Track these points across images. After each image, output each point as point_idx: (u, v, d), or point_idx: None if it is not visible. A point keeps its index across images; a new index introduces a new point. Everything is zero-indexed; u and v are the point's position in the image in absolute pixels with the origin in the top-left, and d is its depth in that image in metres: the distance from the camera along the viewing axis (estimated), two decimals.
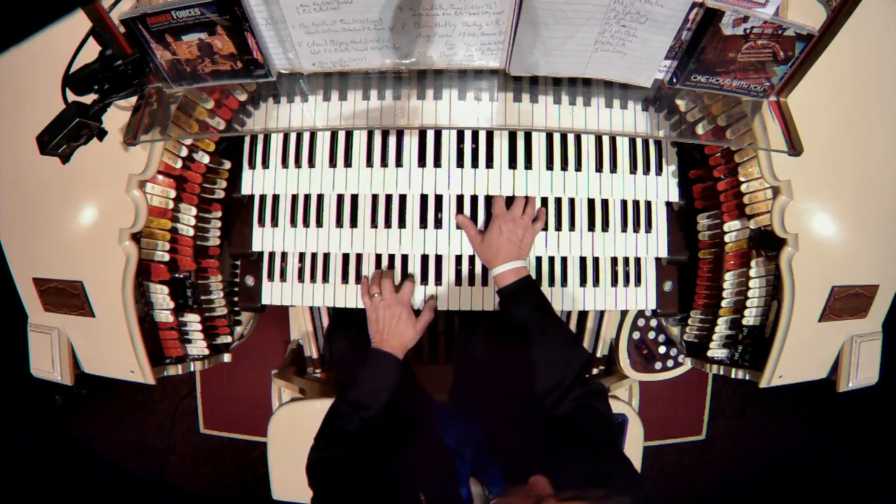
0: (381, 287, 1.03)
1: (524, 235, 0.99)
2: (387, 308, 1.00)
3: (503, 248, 0.97)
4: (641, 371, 1.39)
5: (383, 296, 1.01)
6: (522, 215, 1.01)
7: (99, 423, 2.27)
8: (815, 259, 0.94)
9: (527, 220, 1.01)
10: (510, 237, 0.98)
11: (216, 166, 1.06)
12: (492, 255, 0.98)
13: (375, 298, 1.02)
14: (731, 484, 2.28)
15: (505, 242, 0.97)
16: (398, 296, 1.02)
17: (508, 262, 0.96)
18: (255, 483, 2.22)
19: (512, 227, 0.98)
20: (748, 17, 0.74)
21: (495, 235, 0.98)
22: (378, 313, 1.00)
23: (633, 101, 1.01)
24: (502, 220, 0.99)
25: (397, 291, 1.04)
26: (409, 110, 0.98)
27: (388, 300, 1.01)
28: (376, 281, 1.04)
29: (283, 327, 1.78)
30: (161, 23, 0.74)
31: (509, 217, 0.99)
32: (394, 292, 1.02)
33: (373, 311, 1.01)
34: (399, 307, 1.00)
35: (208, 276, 1.09)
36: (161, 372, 1.02)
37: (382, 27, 0.79)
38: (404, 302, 1.02)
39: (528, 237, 1.00)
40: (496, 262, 0.98)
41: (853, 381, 1.03)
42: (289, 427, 1.26)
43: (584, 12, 0.75)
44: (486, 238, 0.99)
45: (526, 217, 1.01)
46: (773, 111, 0.87)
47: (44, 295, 1.00)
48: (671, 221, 1.11)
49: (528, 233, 1.00)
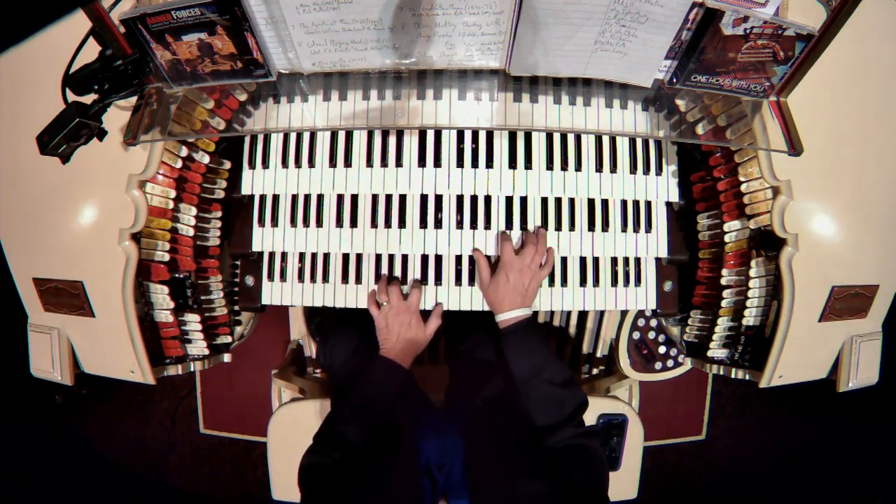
0: (388, 295, 1.03)
1: (530, 283, 1.00)
2: (396, 316, 1.00)
3: (507, 297, 0.98)
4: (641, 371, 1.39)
5: (392, 304, 1.01)
6: (531, 263, 1.00)
7: (99, 423, 2.27)
8: (815, 259, 0.94)
9: (534, 268, 1.00)
10: (516, 286, 0.98)
11: (216, 166, 1.06)
12: (497, 303, 1.00)
13: (384, 307, 1.02)
14: (731, 484, 2.28)
15: (510, 291, 0.98)
16: (406, 303, 1.02)
17: (511, 311, 0.98)
18: (255, 483, 2.22)
19: (518, 277, 0.99)
20: (748, 17, 0.74)
21: (502, 283, 0.99)
22: (388, 321, 1.01)
23: (633, 101, 1.01)
24: (509, 268, 0.99)
25: (405, 299, 1.04)
26: (409, 110, 0.98)
27: (397, 308, 1.01)
28: (383, 289, 1.04)
29: (283, 327, 1.78)
30: (161, 23, 0.74)
31: (517, 266, 0.99)
32: (402, 300, 1.02)
33: (382, 320, 1.01)
34: (408, 315, 1.01)
35: (208, 276, 1.09)
36: (161, 372, 1.02)
37: (382, 27, 0.79)
38: (413, 309, 1.02)
39: (533, 284, 1.00)
40: (500, 309, 0.99)
41: (853, 381, 1.03)
42: (289, 427, 1.26)
43: (583, 12, 0.75)
44: (493, 284, 1.00)
45: (534, 264, 1.01)
46: (773, 111, 0.87)
47: (44, 295, 1.00)
48: (671, 221, 1.11)
49: (535, 280, 1.00)
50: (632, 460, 1.26)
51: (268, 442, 1.27)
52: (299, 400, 1.30)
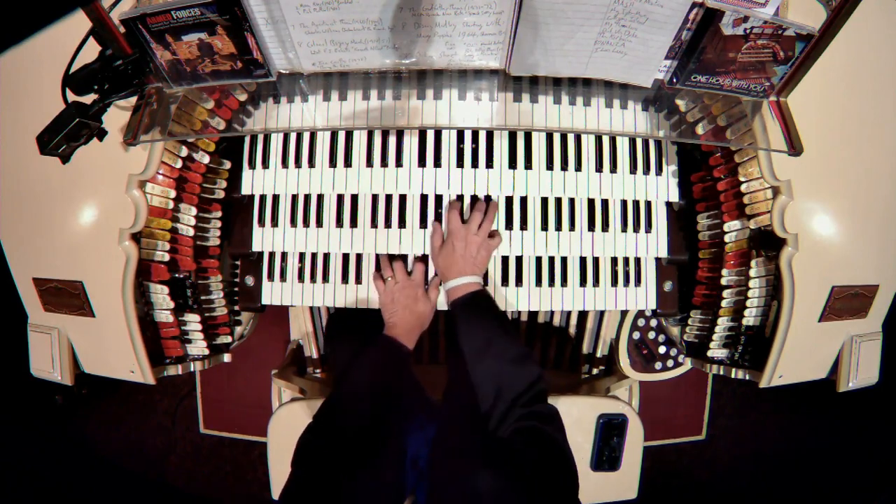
0: (393, 270, 1.03)
1: (478, 252, 0.98)
2: (403, 290, 1.00)
3: (455, 265, 0.97)
4: (641, 371, 1.39)
5: (397, 278, 1.01)
6: (478, 230, 0.99)
7: (99, 423, 2.27)
8: (815, 259, 0.94)
9: (482, 236, 0.99)
10: (463, 254, 0.97)
11: (216, 166, 1.06)
12: (444, 270, 0.99)
13: (389, 282, 1.02)
14: (731, 484, 2.28)
15: (458, 259, 0.97)
16: (411, 278, 1.02)
17: (458, 277, 0.96)
18: (255, 483, 2.22)
19: (464, 245, 0.97)
20: (748, 17, 0.74)
21: (449, 252, 0.98)
22: (394, 295, 1.00)
23: (633, 101, 1.01)
24: (456, 237, 0.98)
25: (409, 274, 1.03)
26: (409, 110, 0.98)
27: (403, 282, 1.01)
28: (387, 264, 1.04)
29: (283, 327, 1.78)
30: (161, 23, 0.74)
31: (462, 234, 0.98)
32: (406, 275, 1.02)
33: (388, 294, 1.01)
34: (413, 288, 1.01)
35: (208, 276, 1.09)
36: (161, 372, 1.02)
37: (382, 27, 0.79)
38: (418, 282, 1.02)
39: (482, 252, 0.99)
40: (447, 277, 0.98)
41: (853, 381, 1.03)
42: (289, 427, 1.25)
43: (584, 12, 0.75)
44: (441, 253, 0.99)
45: (481, 232, 0.99)
46: (773, 111, 0.87)
47: (44, 295, 1.00)
48: (671, 221, 1.11)
49: (483, 248, 0.99)
50: (632, 460, 1.26)
51: (268, 442, 1.27)
52: (299, 400, 1.30)
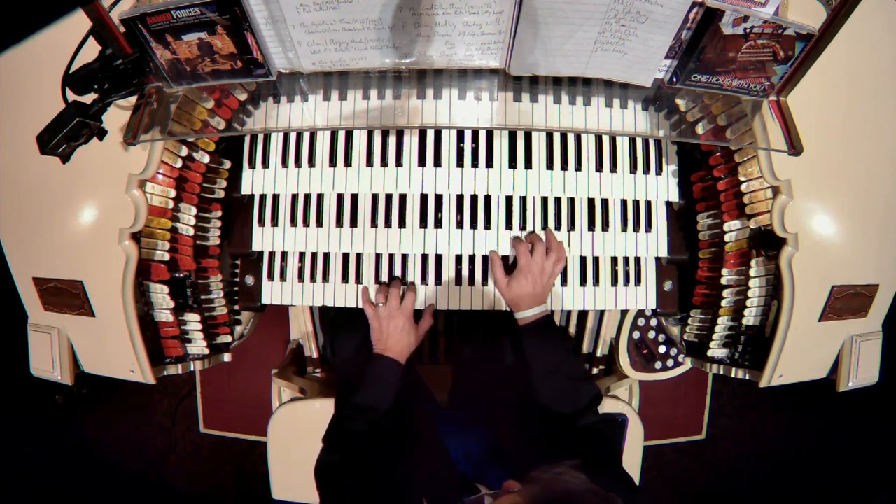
0: (386, 298, 1.04)
1: (547, 282, 1.02)
2: (390, 319, 1.02)
3: (526, 298, 1.01)
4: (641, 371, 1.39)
5: (388, 307, 1.03)
6: (546, 261, 1.02)
7: (99, 423, 2.27)
8: (815, 259, 0.94)
9: (550, 266, 1.02)
10: (532, 291, 1.01)
11: (216, 166, 1.06)
12: (515, 302, 1.02)
13: (379, 308, 1.03)
14: (731, 484, 2.27)
15: (529, 292, 1.01)
16: (401, 307, 1.03)
17: (530, 309, 1.00)
18: (255, 483, 2.22)
19: (537, 279, 1.01)
20: (748, 16, 0.74)
21: (521, 285, 1.01)
22: (381, 323, 1.02)
23: (633, 101, 1.01)
24: (527, 271, 1.01)
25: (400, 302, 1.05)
26: (409, 110, 0.98)
27: (392, 311, 1.02)
28: (382, 292, 1.05)
29: (283, 327, 1.78)
30: (161, 22, 0.74)
31: (536, 268, 1.01)
32: (398, 303, 1.03)
33: (376, 321, 1.03)
34: (401, 318, 1.02)
35: (208, 276, 1.09)
36: (161, 372, 1.02)
37: (382, 27, 0.79)
38: (407, 313, 1.03)
39: (550, 281, 1.03)
40: (519, 308, 1.01)
41: (853, 381, 1.03)
42: (289, 427, 1.26)
43: (584, 12, 0.75)
44: (512, 286, 1.02)
45: (549, 263, 1.02)
46: (773, 111, 0.87)
47: (44, 294, 1.00)
48: (671, 221, 1.11)
49: (551, 278, 1.03)
50: (632, 460, 1.26)
51: (268, 441, 1.27)
52: (299, 399, 1.30)
